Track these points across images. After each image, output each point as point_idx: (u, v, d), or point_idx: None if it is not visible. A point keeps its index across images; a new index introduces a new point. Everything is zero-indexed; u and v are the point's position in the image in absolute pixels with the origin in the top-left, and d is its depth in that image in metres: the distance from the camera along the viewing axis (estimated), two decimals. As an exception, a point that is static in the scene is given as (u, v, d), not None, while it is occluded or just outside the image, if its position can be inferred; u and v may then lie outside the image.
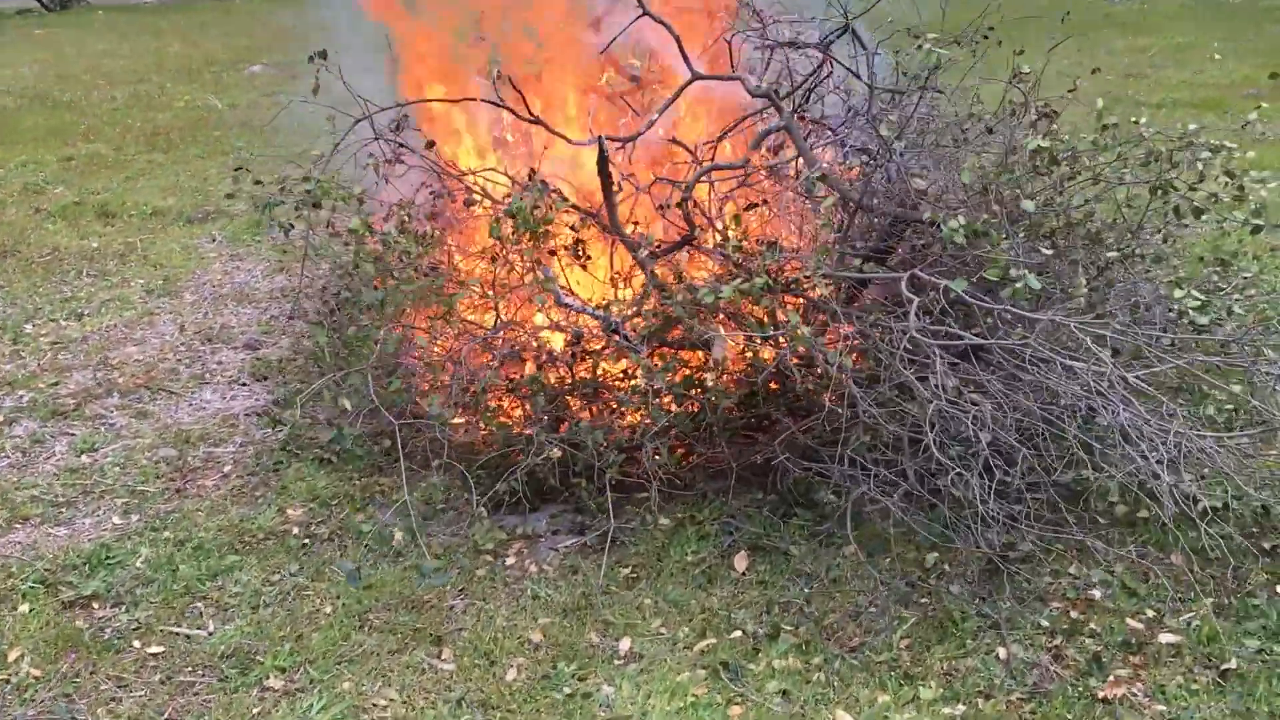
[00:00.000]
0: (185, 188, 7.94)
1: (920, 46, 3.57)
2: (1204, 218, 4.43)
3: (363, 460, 4.06)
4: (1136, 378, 3.41)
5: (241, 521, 3.74)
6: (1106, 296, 4.10)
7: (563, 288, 4.08)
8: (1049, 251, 3.89)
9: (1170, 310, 4.06)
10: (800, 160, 4.13)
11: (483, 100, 4.04)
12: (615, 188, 4.27)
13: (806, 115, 4.34)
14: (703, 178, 4.05)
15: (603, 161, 3.83)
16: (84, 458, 4.18)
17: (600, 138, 3.77)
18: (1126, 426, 3.18)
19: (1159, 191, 4.18)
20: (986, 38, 4.85)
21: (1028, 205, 3.56)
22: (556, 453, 3.54)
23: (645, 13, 3.99)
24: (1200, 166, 4.10)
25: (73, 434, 4.38)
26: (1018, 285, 3.41)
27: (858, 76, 4.18)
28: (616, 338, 3.73)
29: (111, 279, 6.17)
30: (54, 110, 10.84)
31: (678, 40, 4.00)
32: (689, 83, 4.06)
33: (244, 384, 4.83)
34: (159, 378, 4.87)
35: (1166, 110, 8.94)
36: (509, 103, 3.97)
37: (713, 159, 4.25)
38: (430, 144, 4.09)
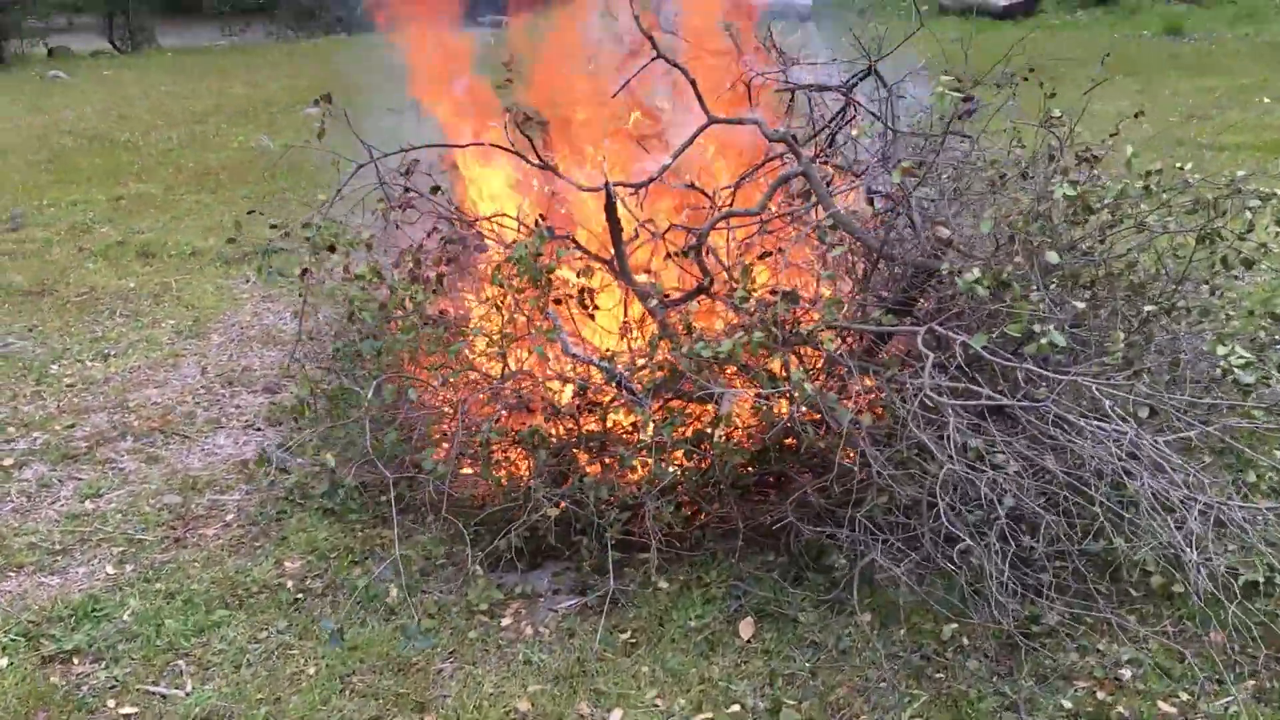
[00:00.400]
0: (227, 228, 7.94)
1: (941, 91, 3.39)
2: (1256, 269, 4.20)
3: (367, 511, 3.95)
4: (1167, 442, 3.20)
5: (236, 574, 3.64)
6: (1146, 352, 3.88)
7: (573, 336, 3.96)
8: (1081, 304, 3.68)
9: (1215, 368, 3.82)
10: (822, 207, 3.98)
11: (491, 144, 3.94)
12: (633, 234, 4.16)
13: (829, 160, 4.18)
14: (718, 224, 3.90)
15: (610, 207, 3.70)
16: (88, 503, 4.12)
17: (607, 182, 3.65)
18: (1155, 494, 2.96)
19: (1205, 241, 3.97)
20: (1026, 79, 4.69)
21: (1052, 257, 3.36)
22: (554, 510, 3.39)
23: (659, 55, 3.88)
24: (1249, 215, 3.89)
25: (80, 478, 4.32)
26: (1042, 341, 3.22)
27: (879, 119, 4.03)
28: (621, 390, 3.59)
29: (143, 319, 6.16)
30: (111, 150, 11.00)
31: (693, 83, 3.88)
32: (705, 126, 3.93)
33: (259, 429, 4.75)
34: (175, 421, 4.81)
35: (1230, 153, 8.63)
36: (519, 147, 3.88)
37: (731, 204, 4.11)
38: (435, 188, 4.00)
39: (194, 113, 13.31)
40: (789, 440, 3.69)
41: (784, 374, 3.59)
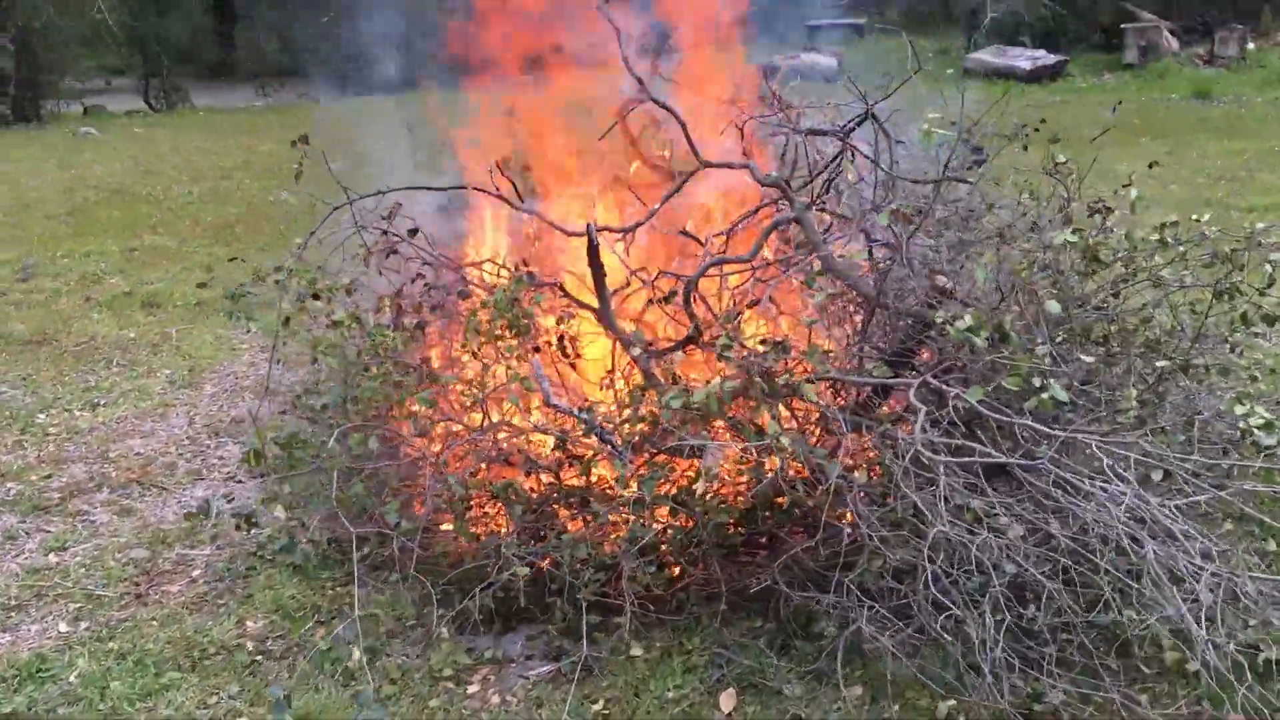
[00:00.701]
0: (235, 280, 7.88)
1: (927, 129, 3.23)
2: (1277, 326, 3.99)
3: (340, 568, 3.77)
4: (1180, 506, 2.98)
5: (195, 633, 3.46)
6: (1160, 410, 3.66)
7: (556, 385, 3.80)
8: (1091, 359, 3.48)
9: (1234, 428, 3.60)
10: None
11: (474, 188, 3.81)
12: (624, 282, 4.01)
13: (825, 206, 4.02)
14: (709, 272, 3.74)
15: (593, 252, 3.55)
16: (51, 557, 3.96)
17: (589, 226, 3.50)
18: (1162, 563, 2.73)
19: (1223, 296, 3.77)
20: (1037, 129, 4.53)
21: (1053, 306, 3.17)
22: (525, 570, 3.20)
23: (650, 98, 3.75)
24: (1269, 269, 3.69)
25: (49, 530, 4.17)
26: (1044, 396, 3.02)
27: (878, 165, 3.86)
28: (601, 442, 3.41)
29: (139, 369, 6.06)
30: (131, 204, 11.02)
31: (683, 126, 3.75)
32: (695, 171, 3.79)
33: (240, 481, 4.60)
34: (154, 473, 4.67)
35: (1258, 214, 8.41)
36: (503, 191, 3.74)
37: (725, 251, 3.94)
38: (413, 231, 3.86)
39: (220, 168, 13.36)
40: (779, 499, 3.49)
41: (788, 423, 3.41)
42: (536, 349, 3.55)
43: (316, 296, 3.92)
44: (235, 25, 25.08)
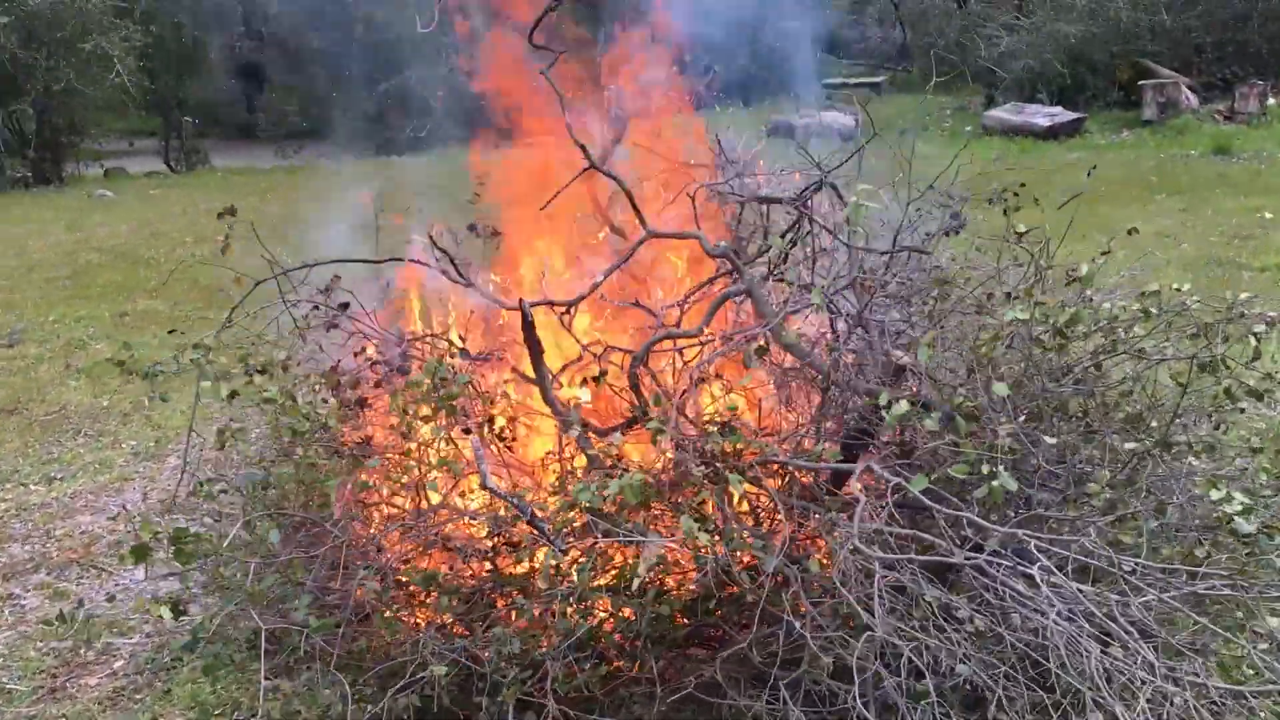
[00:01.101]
0: (223, 344, 7.76)
1: (856, 202, 3.04)
2: (1268, 400, 3.77)
3: (271, 658, 3.57)
4: (1143, 603, 2.75)
5: (104, 731, 3.27)
6: (1134, 493, 3.43)
7: (500, 466, 3.61)
8: (1051, 440, 3.26)
9: (1213, 514, 3.36)
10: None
11: (412, 260, 3.65)
12: (577, 357, 3.83)
13: (782, 277, 3.83)
14: (658, 346, 3.55)
15: (528, 329, 3.38)
16: (-31, 645, 3.80)
17: (521, 301, 3.33)
18: (1105, 671, 2.50)
19: (1207, 369, 3.55)
20: (1016, 193, 4.35)
21: (999, 389, 2.96)
22: (440, 669, 2.98)
23: (591, 165, 3.59)
24: (1254, 342, 3.49)
25: (-27, 616, 4.01)
26: (993, 485, 2.81)
27: (834, 235, 3.68)
28: (533, 528, 3.21)
29: (105, 440, 5.92)
30: (131, 266, 10.98)
31: (628, 195, 3.58)
32: (641, 241, 3.61)
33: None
34: (96, 553, 4.50)
35: (1271, 274, 8.16)
36: (442, 263, 3.58)
37: (678, 324, 3.76)
38: (344, 305, 3.70)
39: (224, 230, 13.34)
40: (730, 588, 3.28)
41: (719, 513, 3.21)
42: (467, 430, 3.36)
43: (262, 371, 3.76)
44: (261, 88, 25.33)
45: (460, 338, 3.55)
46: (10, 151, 18.59)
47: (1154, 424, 3.67)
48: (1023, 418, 3.36)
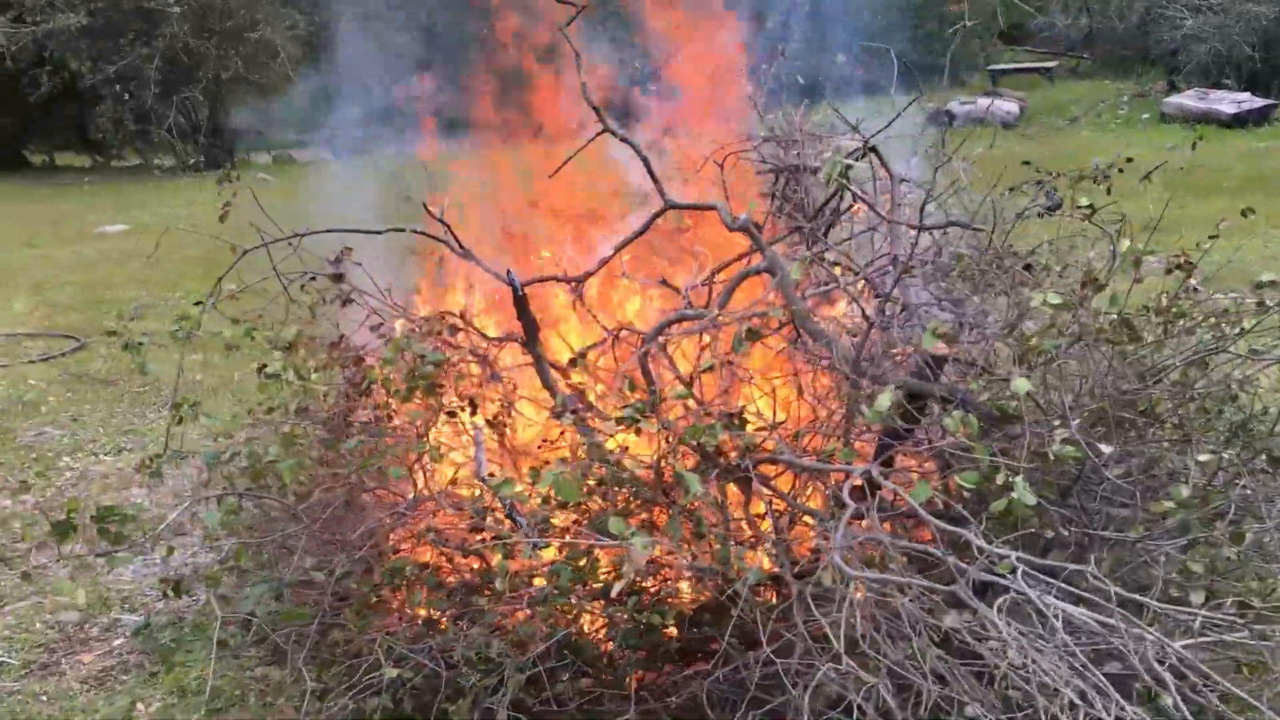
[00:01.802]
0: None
1: (833, 159, 2.65)
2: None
3: (266, 647, 3.42)
4: (1191, 648, 2.29)
5: (79, 714, 3.15)
6: (1220, 513, 2.94)
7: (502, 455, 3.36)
8: (1109, 448, 2.80)
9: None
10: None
11: (413, 230, 3.43)
12: (601, 339, 3.55)
13: (822, 257, 3.45)
14: (670, 329, 3.23)
15: (520, 305, 3.11)
16: (-16, 614, 3.76)
17: (510, 274, 3.06)
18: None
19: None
20: (1121, 171, 3.87)
21: (1020, 385, 2.52)
22: (392, 672, 2.74)
23: (607, 129, 3.29)
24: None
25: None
26: (1013, 496, 2.40)
27: (874, 209, 3.27)
28: (510, 523, 2.94)
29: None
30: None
31: (645, 161, 3.26)
32: (661, 212, 3.30)
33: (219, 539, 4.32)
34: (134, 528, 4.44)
35: None
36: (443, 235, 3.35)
37: (708, 304, 3.43)
38: (338, 277, 3.50)
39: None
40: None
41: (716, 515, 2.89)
42: (451, 414, 3.11)
43: (288, 347, 3.60)
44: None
45: (452, 313, 3.30)
46: (182, 137, 19.35)
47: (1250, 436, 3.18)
48: (1076, 421, 2.90)
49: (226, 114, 19.83)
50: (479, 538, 3.00)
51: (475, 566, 3.15)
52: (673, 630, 2.97)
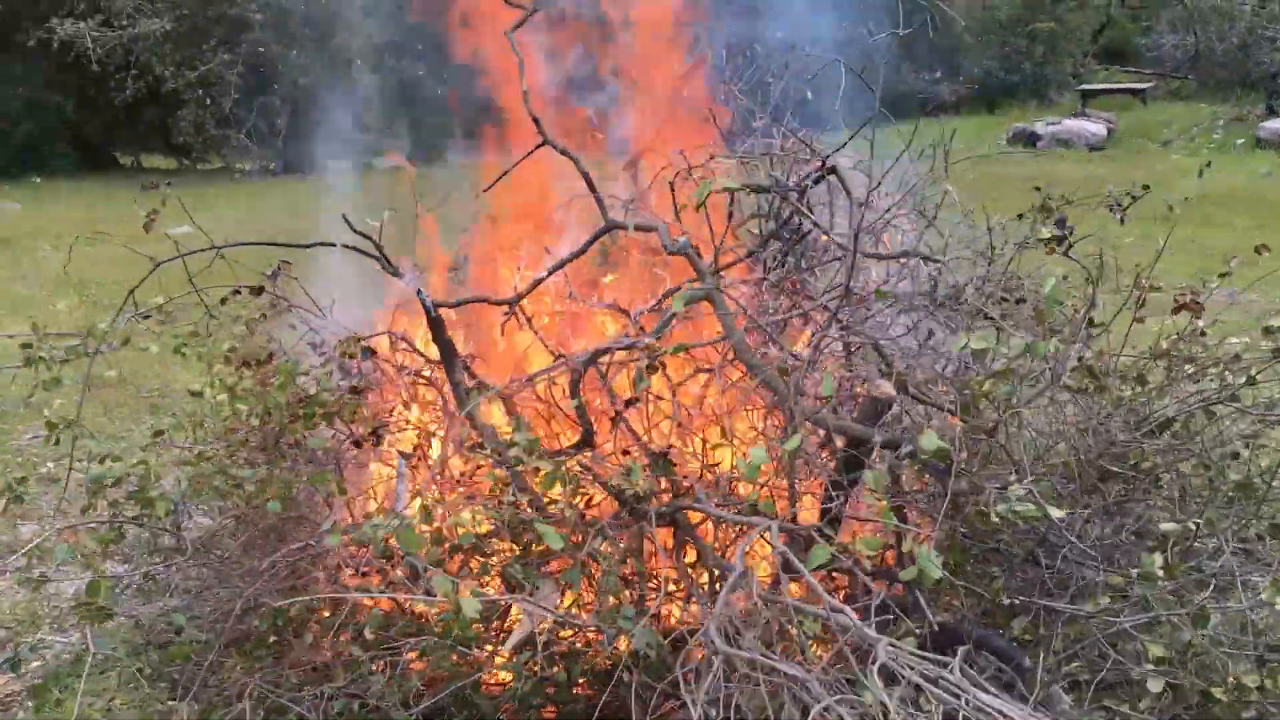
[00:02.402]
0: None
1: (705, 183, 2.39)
2: None
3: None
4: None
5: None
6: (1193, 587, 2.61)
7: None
8: (1060, 512, 2.48)
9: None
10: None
11: (344, 245, 3.23)
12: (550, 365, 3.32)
13: (789, 276, 3.18)
14: (604, 357, 2.99)
15: (434, 325, 2.90)
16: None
17: (420, 293, 2.85)
18: None
19: None
20: (1136, 199, 3.56)
21: (928, 441, 2.23)
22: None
23: (546, 141, 3.06)
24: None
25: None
26: (919, 568, 2.12)
27: (826, 233, 2.99)
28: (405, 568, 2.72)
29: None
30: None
31: (586, 177, 3.03)
32: (603, 231, 3.06)
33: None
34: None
35: None
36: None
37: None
38: (258, 290, 3.31)
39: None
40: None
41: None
42: (357, 443, 2.91)
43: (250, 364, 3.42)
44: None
45: (356, 338, 3.10)
46: (262, 141, 19.63)
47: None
48: (1029, 479, 2.59)
49: (305, 119, 20.06)
50: (376, 581, 2.79)
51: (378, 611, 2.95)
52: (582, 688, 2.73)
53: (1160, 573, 2.45)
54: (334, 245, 3.25)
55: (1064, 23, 21.30)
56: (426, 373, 3.13)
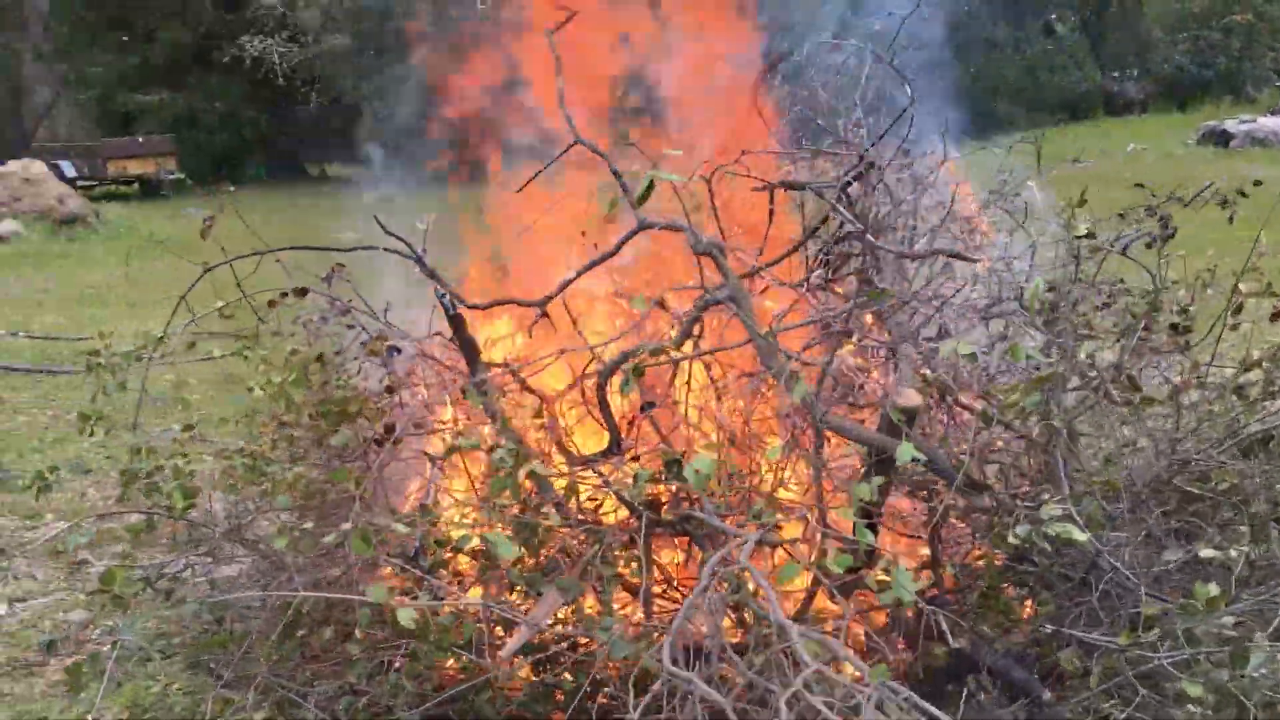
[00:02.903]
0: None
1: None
2: None
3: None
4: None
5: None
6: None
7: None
8: (1083, 535, 2.28)
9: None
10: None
11: (385, 250, 3.25)
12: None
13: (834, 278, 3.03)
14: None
15: (456, 324, 2.88)
16: (3, 607, 3.86)
17: (438, 293, 2.83)
18: None
19: None
20: (1245, 195, 3.33)
21: (904, 451, 2.07)
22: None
23: (578, 140, 3.00)
24: None
25: (36, 578, 4.10)
26: (893, 590, 1.97)
27: (862, 229, 2.82)
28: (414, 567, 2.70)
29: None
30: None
31: (617, 176, 2.96)
32: (635, 232, 2.98)
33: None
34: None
35: None
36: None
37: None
38: (302, 291, 3.33)
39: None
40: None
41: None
42: (378, 441, 2.91)
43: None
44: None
45: (380, 337, 3.11)
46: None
47: None
48: (1060, 498, 2.39)
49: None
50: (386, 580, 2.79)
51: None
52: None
53: (1201, 606, 2.22)
54: (376, 249, 3.28)
55: (1262, 15, 19.97)
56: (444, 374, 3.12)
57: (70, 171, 19.81)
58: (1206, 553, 2.28)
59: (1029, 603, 2.78)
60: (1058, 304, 2.87)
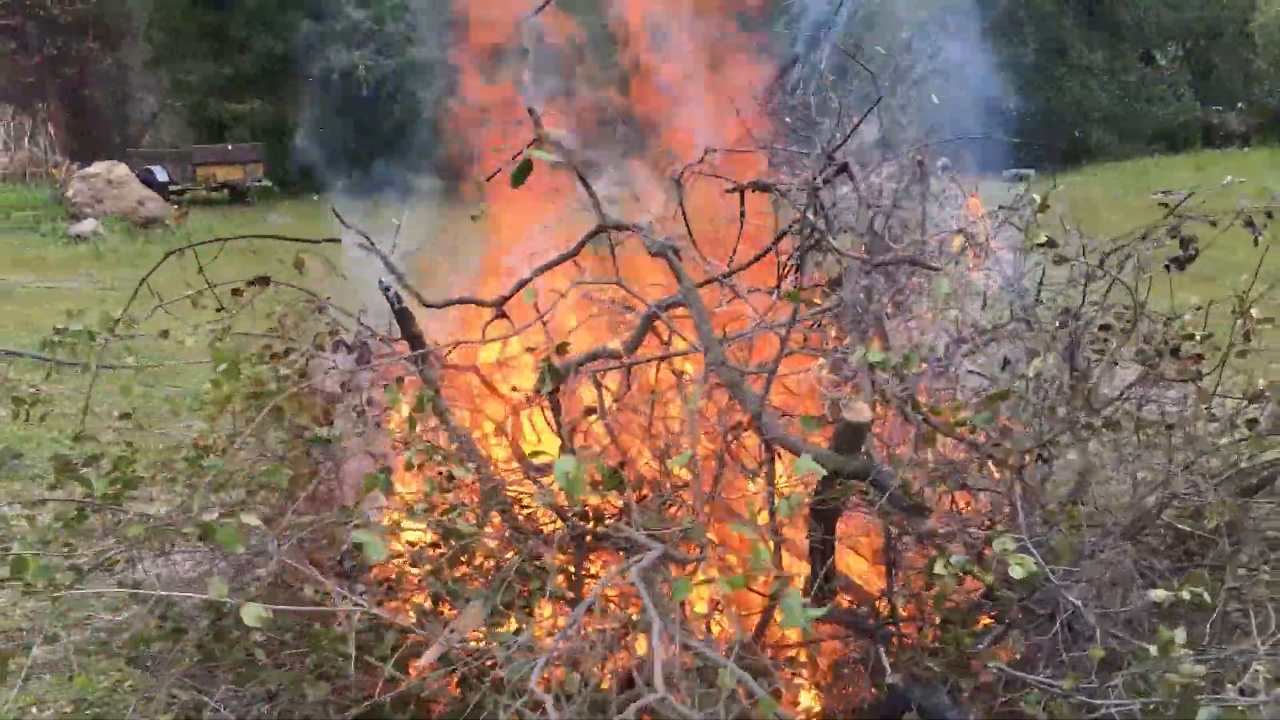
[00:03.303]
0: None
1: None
2: None
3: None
4: None
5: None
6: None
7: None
8: (1020, 572, 2.09)
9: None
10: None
11: (363, 246, 3.15)
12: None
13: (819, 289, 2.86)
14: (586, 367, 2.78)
15: (402, 318, 2.78)
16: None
17: (381, 283, 2.73)
18: None
19: None
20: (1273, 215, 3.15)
21: (802, 463, 1.90)
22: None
23: (540, 137, 2.88)
24: None
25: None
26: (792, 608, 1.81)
27: (826, 236, 2.65)
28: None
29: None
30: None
31: (581, 177, 2.84)
32: (595, 232, 2.86)
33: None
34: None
35: None
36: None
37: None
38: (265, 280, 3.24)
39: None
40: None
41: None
42: (327, 441, 2.81)
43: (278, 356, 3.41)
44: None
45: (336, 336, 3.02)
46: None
47: None
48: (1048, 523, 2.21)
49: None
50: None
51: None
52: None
53: (1155, 651, 2.02)
54: (337, 241, 3.20)
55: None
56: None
57: (162, 176, 20.31)
58: (1156, 595, 2.07)
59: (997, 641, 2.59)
60: (1066, 323, 2.71)
